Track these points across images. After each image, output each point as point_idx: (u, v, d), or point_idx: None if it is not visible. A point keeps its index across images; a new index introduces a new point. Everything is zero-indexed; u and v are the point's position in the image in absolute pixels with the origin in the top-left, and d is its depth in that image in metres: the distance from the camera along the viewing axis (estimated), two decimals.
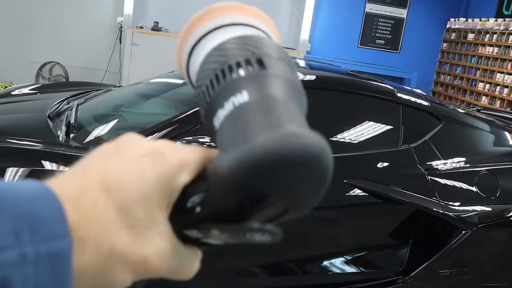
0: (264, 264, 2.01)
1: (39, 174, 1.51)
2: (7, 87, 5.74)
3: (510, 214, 2.13)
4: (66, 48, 6.52)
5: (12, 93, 2.78)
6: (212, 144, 0.33)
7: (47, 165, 1.70)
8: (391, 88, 2.33)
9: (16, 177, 1.62)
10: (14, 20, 6.32)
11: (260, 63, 0.34)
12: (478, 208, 2.09)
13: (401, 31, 7.70)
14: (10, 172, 1.62)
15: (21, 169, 1.65)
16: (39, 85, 3.24)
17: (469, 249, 2.11)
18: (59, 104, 2.44)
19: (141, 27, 6.44)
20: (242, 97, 0.32)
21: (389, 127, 2.22)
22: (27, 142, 1.83)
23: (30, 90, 2.89)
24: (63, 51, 6.47)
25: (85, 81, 4.03)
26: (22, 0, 6.30)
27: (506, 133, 2.53)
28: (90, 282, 0.27)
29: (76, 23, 6.53)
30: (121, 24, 6.58)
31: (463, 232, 2.05)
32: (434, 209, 2.00)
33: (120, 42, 6.61)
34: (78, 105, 2.34)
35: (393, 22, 7.66)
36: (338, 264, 2.06)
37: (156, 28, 6.43)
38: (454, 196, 2.08)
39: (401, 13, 7.62)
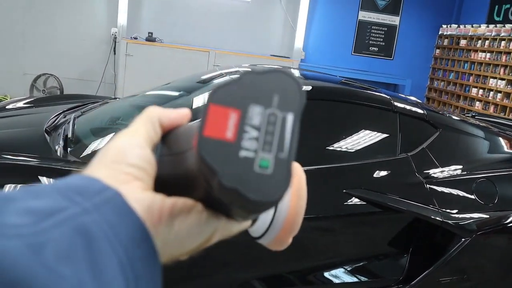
0: (265, 276, 2.00)
1: None
2: (1, 100, 5.71)
3: (508, 221, 2.13)
4: (60, 59, 6.51)
5: (7, 107, 2.77)
6: None
7: (45, 181, 1.69)
8: (387, 97, 2.34)
9: None
10: (7, 32, 6.31)
11: None
12: (477, 215, 2.09)
13: (394, 38, 7.76)
14: (7, 189, 1.61)
15: (19, 186, 1.63)
16: (34, 98, 3.22)
17: (469, 256, 2.11)
18: (56, 117, 2.43)
19: (135, 38, 6.45)
20: None
21: (386, 136, 2.23)
22: (24, 157, 1.82)
23: (24, 104, 2.87)
24: (57, 63, 6.46)
25: (80, 93, 4.02)
26: (15, 12, 6.30)
27: (501, 139, 2.54)
28: None
29: (70, 34, 6.53)
30: (115, 35, 6.58)
31: (463, 239, 2.05)
32: (433, 217, 2.00)
33: (115, 53, 6.62)
34: (75, 118, 2.33)
35: (386, 29, 7.72)
36: (338, 274, 2.05)
37: (150, 38, 6.44)
38: (452, 203, 2.08)
39: (394, 20, 7.68)
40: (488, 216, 2.10)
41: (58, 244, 0.25)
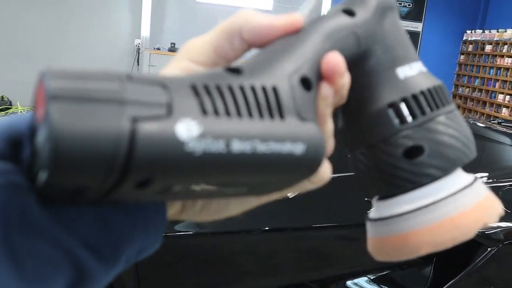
0: (285, 285, 2.00)
1: None
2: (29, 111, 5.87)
3: None
4: None
5: None
6: None
7: None
8: None
9: None
10: (35, 45, 6.51)
11: None
12: (504, 224, 2.04)
13: (417, 45, 7.68)
14: None
15: None
16: None
17: (495, 267, 2.06)
18: None
19: (158, 49, 6.57)
20: None
21: None
22: None
23: None
24: None
25: None
26: (41, 25, 6.50)
27: None
28: None
29: (95, 46, 6.70)
30: (138, 46, 6.72)
31: (489, 249, 2.00)
32: None
33: (138, 64, 6.74)
34: None
35: (408, 36, 7.64)
36: (361, 284, 2.03)
37: (172, 49, 6.54)
38: None
39: (417, 26, 7.61)
40: None
41: None
